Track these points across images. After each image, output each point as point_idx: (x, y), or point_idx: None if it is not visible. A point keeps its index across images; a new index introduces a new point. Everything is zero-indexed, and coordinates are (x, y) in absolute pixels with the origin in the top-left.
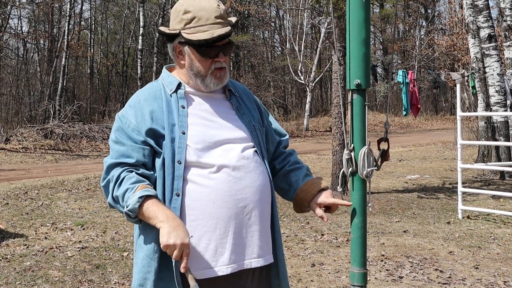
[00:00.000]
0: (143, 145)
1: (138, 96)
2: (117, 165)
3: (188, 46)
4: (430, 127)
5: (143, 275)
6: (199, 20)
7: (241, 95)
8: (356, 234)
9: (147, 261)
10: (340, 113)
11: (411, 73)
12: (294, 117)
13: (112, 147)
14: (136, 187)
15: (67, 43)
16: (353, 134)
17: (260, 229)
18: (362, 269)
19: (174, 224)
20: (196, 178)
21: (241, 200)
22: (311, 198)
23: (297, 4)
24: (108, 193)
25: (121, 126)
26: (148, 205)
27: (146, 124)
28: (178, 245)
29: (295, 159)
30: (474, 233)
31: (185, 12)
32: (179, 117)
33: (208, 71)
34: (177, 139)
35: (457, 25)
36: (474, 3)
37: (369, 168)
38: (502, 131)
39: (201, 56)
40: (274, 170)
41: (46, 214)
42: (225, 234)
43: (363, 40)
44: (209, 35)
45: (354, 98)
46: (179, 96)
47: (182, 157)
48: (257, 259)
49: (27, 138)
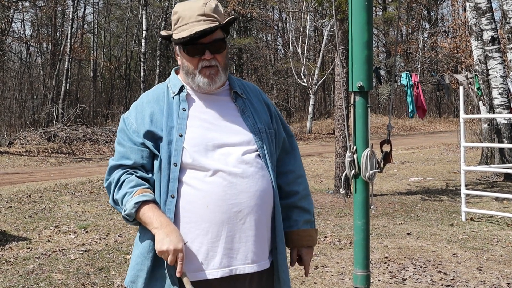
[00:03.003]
0: (141, 147)
1: (142, 98)
2: (117, 167)
3: (178, 46)
4: (434, 129)
5: (135, 273)
6: (183, 19)
7: (250, 96)
8: (359, 236)
9: (140, 259)
10: (343, 115)
11: (415, 76)
12: (297, 119)
13: (115, 148)
14: (134, 192)
15: (70, 47)
16: (356, 136)
17: (256, 234)
18: (365, 271)
19: (168, 230)
20: (191, 181)
21: (236, 205)
22: (299, 247)
23: (300, 7)
24: (109, 194)
25: (124, 127)
26: (144, 211)
27: (145, 126)
28: (171, 250)
29: (305, 192)
30: (478, 235)
31: (173, 14)
32: (178, 119)
33: (196, 69)
34: (174, 142)
35: (460, 27)
36: (477, 6)
37: (372, 170)
38: (506, 133)
39: (187, 54)
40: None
41: (49, 217)
42: (217, 238)
43: (366, 43)
44: (188, 32)
45: (356, 100)
46: (181, 98)
47: (178, 160)
48: (251, 264)
49: (30, 142)
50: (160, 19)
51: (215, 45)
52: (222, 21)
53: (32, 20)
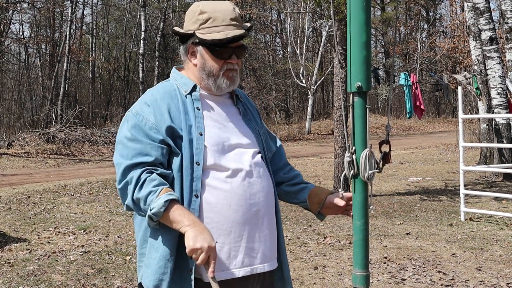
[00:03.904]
0: (161, 144)
1: (154, 95)
2: (135, 165)
3: (202, 46)
4: (432, 130)
5: (159, 276)
6: (215, 20)
7: (244, 100)
8: (358, 237)
9: (163, 262)
10: (342, 116)
11: (413, 76)
12: (296, 120)
13: (126, 145)
14: (159, 190)
15: (69, 48)
16: (355, 136)
17: (270, 233)
18: (364, 271)
19: (200, 228)
20: (213, 181)
21: (255, 204)
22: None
23: (298, 7)
24: (126, 196)
25: (138, 123)
26: (174, 210)
27: (166, 122)
28: (206, 248)
29: (301, 178)
30: (477, 235)
31: (201, 13)
32: (195, 118)
33: (220, 71)
34: (195, 140)
35: (459, 27)
36: (475, 6)
37: (371, 171)
38: (504, 133)
39: (215, 56)
40: (280, 179)
41: (48, 219)
42: (239, 238)
43: (364, 43)
44: (223, 35)
45: (355, 101)
46: (194, 97)
47: (201, 159)
48: (269, 263)
49: (29, 143)
50: (158, 20)
51: (241, 51)
52: (246, 27)
53: (30, 21)
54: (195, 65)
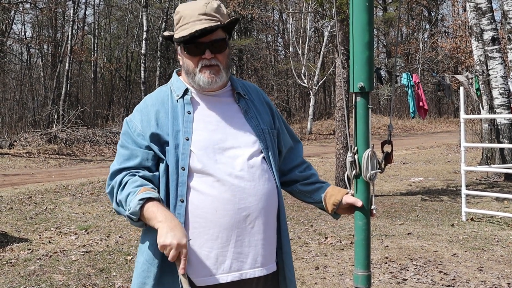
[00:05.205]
0: (147, 149)
1: (146, 101)
2: (120, 170)
3: (179, 45)
4: (434, 130)
5: (142, 280)
6: (184, 18)
7: (252, 97)
8: (359, 237)
9: (146, 266)
10: (344, 116)
11: (416, 76)
12: (297, 120)
13: (118, 151)
14: (138, 190)
15: (71, 48)
16: (357, 137)
17: (264, 237)
18: (366, 271)
19: (172, 224)
20: (199, 185)
21: (244, 209)
22: (342, 194)
23: (300, 7)
24: (112, 199)
25: (128, 130)
26: (148, 207)
27: (151, 129)
28: (175, 245)
29: (317, 177)
30: (478, 235)
31: (176, 14)
32: (184, 123)
33: (196, 68)
34: (181, 145)
35: (461, 27)
36: (478, 6)
37: (373, 171)
38: (506, 133)
39: (188, 53)
40: (294, 177)
41: (50, 219)
42: (227, 243)
43: (367, 43)
44: (188, 31)
45: (357, 101)
46: (185, 101)
47: (186, 163)
48: (260, 268)
49: (31, 143)
50: (160, 20)
51: (216, 45)
52: (224, 21)
53: (32, 21)
54: (182, 66)
